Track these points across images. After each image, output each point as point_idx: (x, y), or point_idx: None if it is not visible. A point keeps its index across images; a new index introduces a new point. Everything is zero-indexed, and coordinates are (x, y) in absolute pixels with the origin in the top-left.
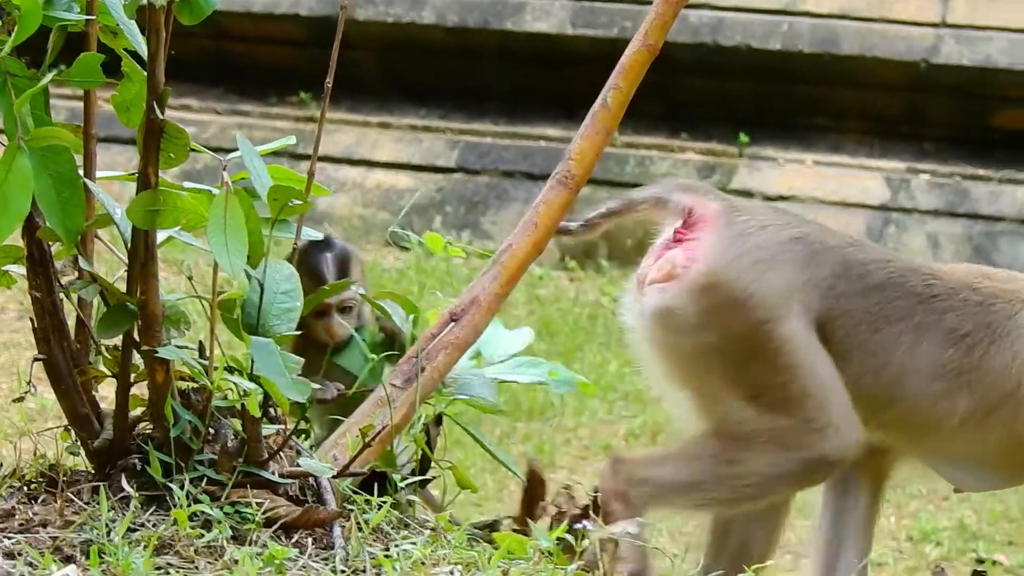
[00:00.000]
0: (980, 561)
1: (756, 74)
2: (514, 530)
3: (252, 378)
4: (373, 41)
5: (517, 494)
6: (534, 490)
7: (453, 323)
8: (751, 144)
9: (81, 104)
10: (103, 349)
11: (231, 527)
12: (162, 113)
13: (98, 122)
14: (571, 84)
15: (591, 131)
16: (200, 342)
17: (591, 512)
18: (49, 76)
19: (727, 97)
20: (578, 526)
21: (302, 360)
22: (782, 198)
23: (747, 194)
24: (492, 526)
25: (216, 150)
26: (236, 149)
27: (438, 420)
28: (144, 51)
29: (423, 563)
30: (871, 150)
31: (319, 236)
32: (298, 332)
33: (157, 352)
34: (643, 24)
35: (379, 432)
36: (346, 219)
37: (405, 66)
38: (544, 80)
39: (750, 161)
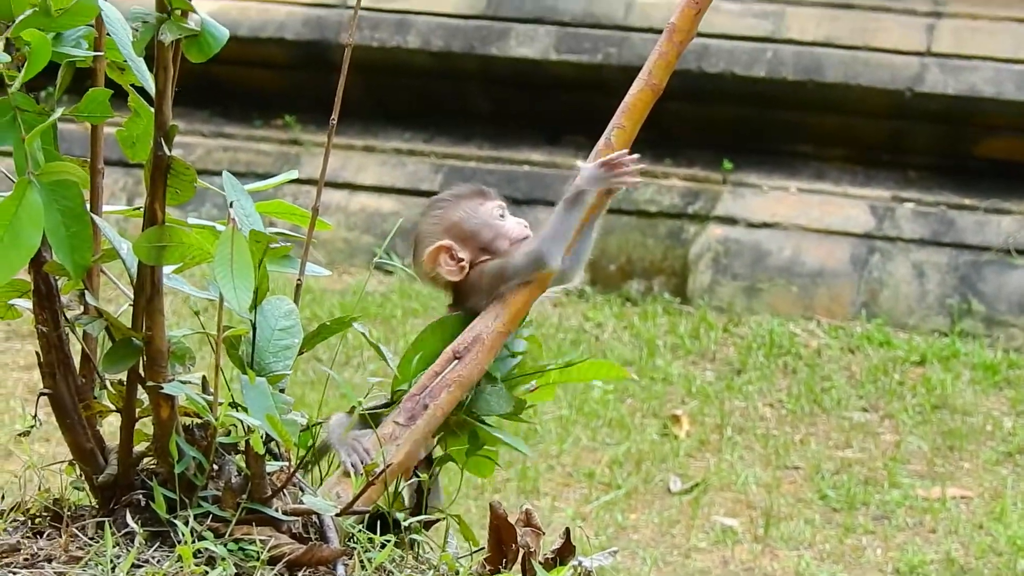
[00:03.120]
0: None
1: (740, 101)
2: (492, 571)
3: None
4: (358, 65)
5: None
6: (501, 532)
7: (456, 361)
8: (735, 171)
9: (74, 127)
10: (108, 384)
11: (235, 564)
12: (169, 150)
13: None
14: (555, 109)
15: None
16: (204, 377)
17: (567, 548)
18: (59, 112)
19: (711, 123)
20: (577, 562)
21: (292, 400)
22: (766, 225)
23: (730, 220)
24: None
25: (201, 173)
26: (224, 172)
27: (428, 461)
28: (151, 87)
29: None
30: (855, 178)
31: (326, 272)
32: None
33: (162, 388)
34: (647, 63)
35: (382, 471)
36: (330, 242)
37: (390, 90)
38: (528, 105)
39: (734, 188)
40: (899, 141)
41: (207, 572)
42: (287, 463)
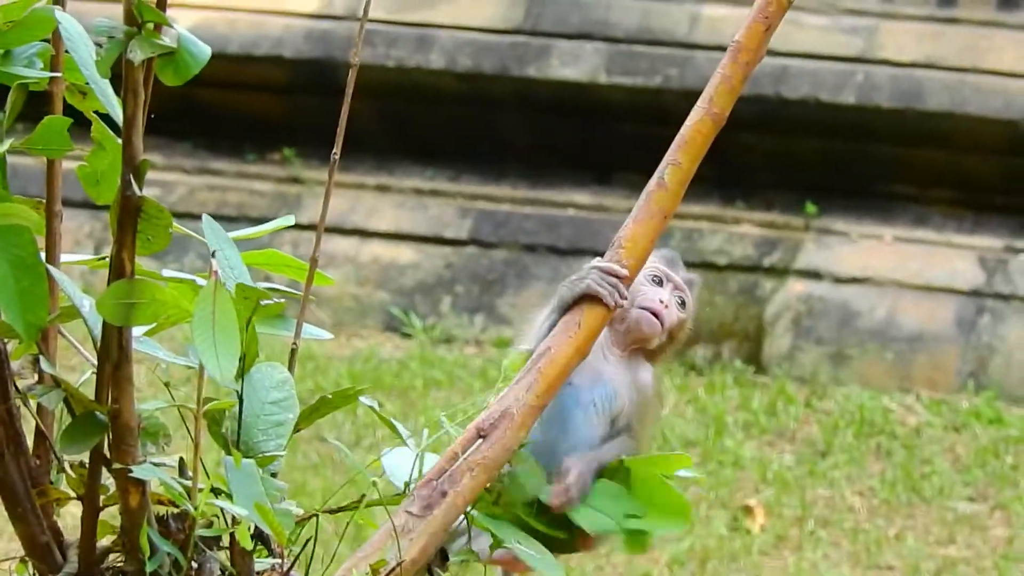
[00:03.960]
0: None
1: (826, 132)
2: None
3: None
4: (371, 88)
5: None
6: None
7: (481, 440)
8: (819, 215)
9: (28, 161)
10: (67, 466)
11: None
12: (140, 189)
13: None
14: (605, 142)
15: (645, 214)
16: (181, 459)
17: None
18: (7, 143)
19: (791, 159)
20: None
21: (285, 486)
22: (855, 280)
23: (814, 274)
24: None
25: (182, 216)
26: (210, 216)
27: (443, 556)
28: (118, 115)
29: None
30: (962, 224)
31: (326, 335)
32: None
33: (131, 471)
34: (707, 88)
35: (392, 569)
36: (337, 300)
37: (409, 118)
38: (573, 137)
39: (818, 236)
40: (1014, 181)
41: None
42: (280, 560)
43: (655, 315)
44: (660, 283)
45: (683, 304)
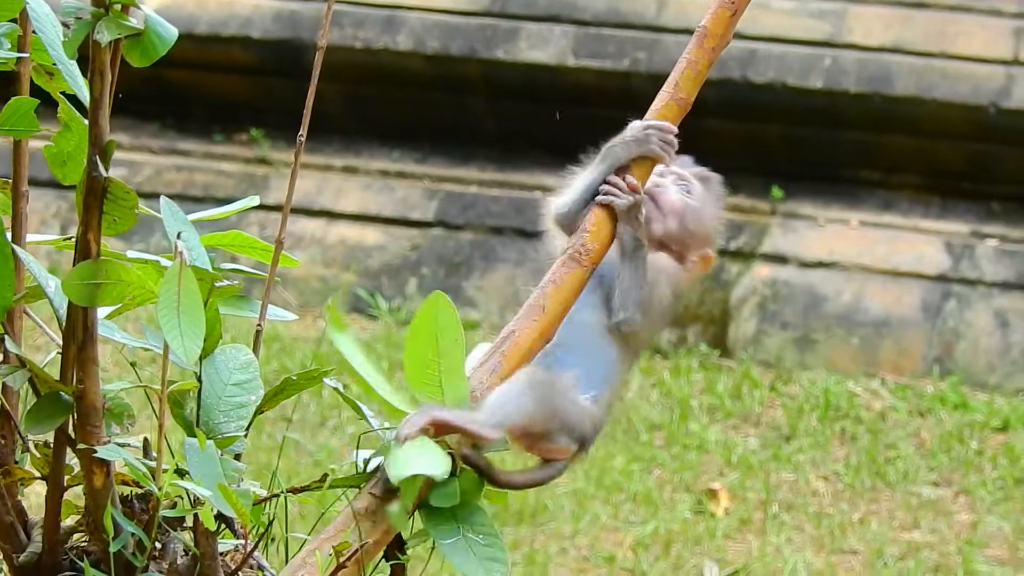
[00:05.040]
0: None
1: (793, 117)
2: None
3: None
4: (338, 69)
5: None
6: None
7: None
8: (786, 199)
9: None
10: (32, 446)
11: None
12: (106, 169)
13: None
14: (573, 125)
15: None
16: (145, 439)
17: None
18: None
19: (758, 144)
20: None
21: (244, 467)
22: (821, 265)
23: (780, 259)
24: None
25: (149, 196)
26: (177, 196)
27: (400, 543)
28: (85, 96)
29: None
30: (928, 209)
31: (291, 316)
32: None
33: (96, 451)
34: (672, 74)
35: (355, 551)
36: (303, 280)
37: (376, 100)
38: (541, 119)
39: (784, 220)
40: (981, 166)
41: None
42: (243, 541)
43: (651, 197)
44: (661, 175)
45: (689, 192)
